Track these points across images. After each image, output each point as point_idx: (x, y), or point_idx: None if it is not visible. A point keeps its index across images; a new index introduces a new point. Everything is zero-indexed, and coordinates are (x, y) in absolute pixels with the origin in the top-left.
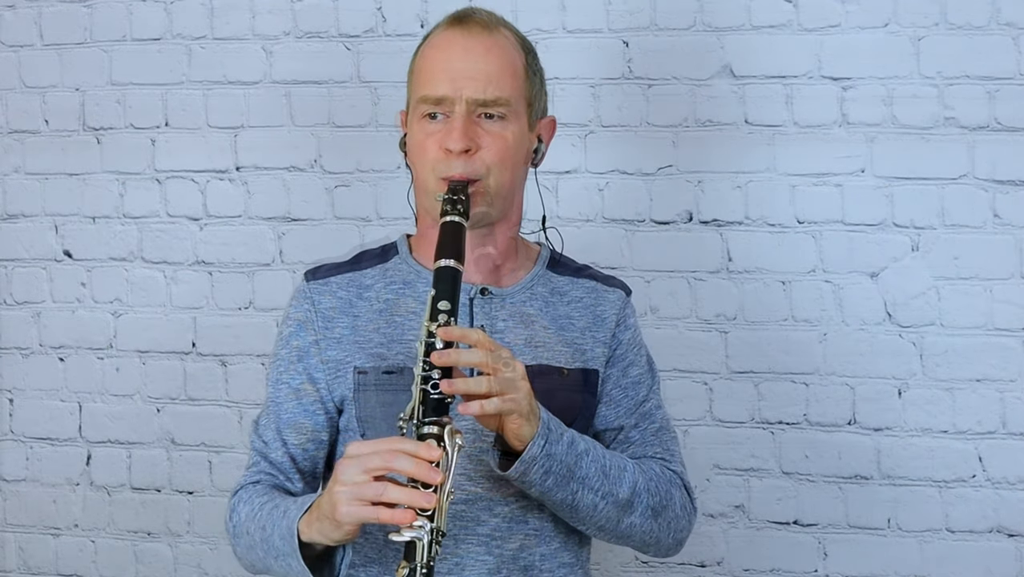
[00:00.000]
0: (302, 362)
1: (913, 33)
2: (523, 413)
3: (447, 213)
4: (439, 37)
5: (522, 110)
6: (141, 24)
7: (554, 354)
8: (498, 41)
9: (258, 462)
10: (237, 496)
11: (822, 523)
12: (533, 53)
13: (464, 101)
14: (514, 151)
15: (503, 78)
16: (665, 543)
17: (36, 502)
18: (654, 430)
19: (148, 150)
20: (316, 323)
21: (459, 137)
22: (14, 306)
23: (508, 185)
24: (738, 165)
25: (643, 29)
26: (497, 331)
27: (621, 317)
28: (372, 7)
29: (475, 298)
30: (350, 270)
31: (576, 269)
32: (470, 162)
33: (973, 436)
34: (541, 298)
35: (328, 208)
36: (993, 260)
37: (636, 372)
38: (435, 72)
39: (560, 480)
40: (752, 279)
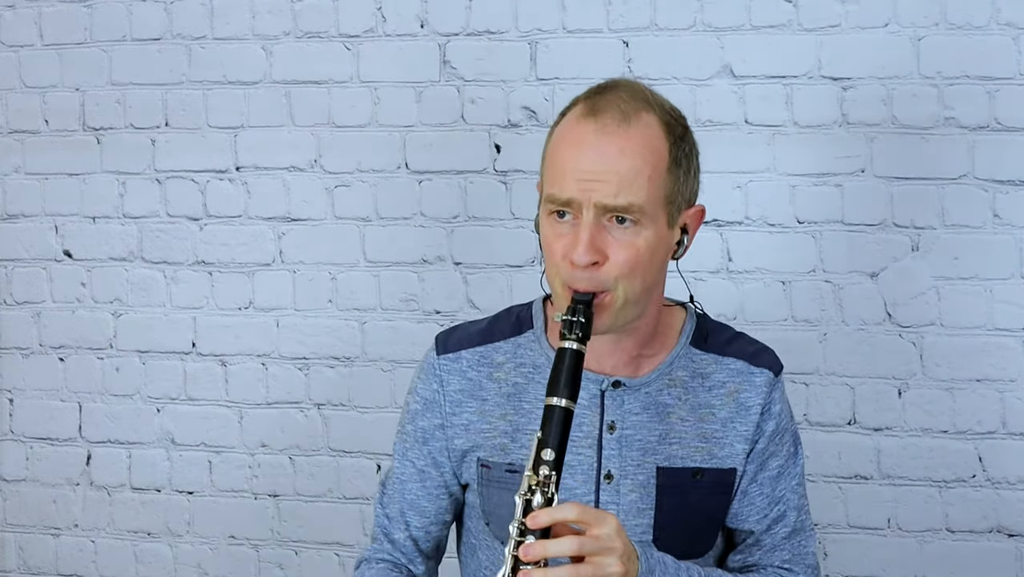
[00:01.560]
0: (427, 445)
1: (913, 33)
2: None
3: (564, 337)
4: (570, 131)
5: (660, 211)
6: (141, 24)
7: (689, 452)
8: (634, 136)
9: (381, 540)
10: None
11: (822, 523)
12: (681, 137)
13: (592, 206)
14: (647, 259)
15: (637, 181)
16: None
17: (36, 502)
18: (786, 534)
19: (148, 150)
20: (444, 407)
21: (584, 250)
22: (14, 306)
23: (639, 292)
24: (738, 165)
25: (643, 29)
26: (628, 427)
27: (766, 405)
28: (372, 7)
29: (607, 391)
30: (481, 343)
31: (723, 344)
32: (596, 275)
33: (973, 436)
34: (680, 384)
35: (328, 208)
36: (993, 260)
37: (776, 464)
38: (564, 171)
39: None
40: (752, 279)
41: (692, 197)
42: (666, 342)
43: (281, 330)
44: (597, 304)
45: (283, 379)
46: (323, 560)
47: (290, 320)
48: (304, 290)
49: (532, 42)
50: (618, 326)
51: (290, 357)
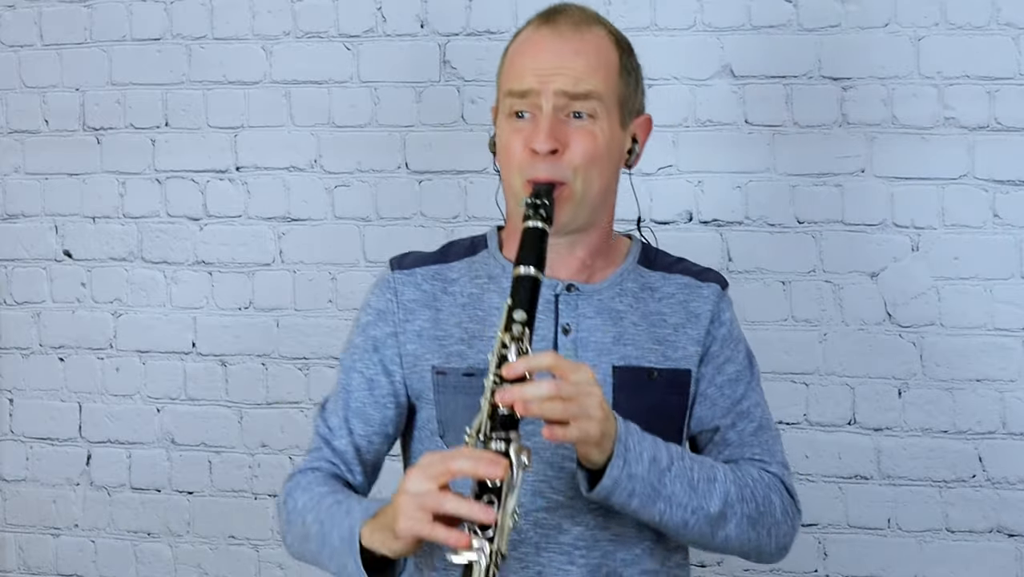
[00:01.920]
0: (378, 353)
1: (913, 33)
2: (593, 442)
3: (529, 218)
4: (527, 36)
5: (614, 108)
6: (141, 24)
7: (643, 353)
8: (589, 39)
9: (320, 448)
10: (294, 481)
11: (822, 523)
12: (629, 51)
13: (552, 95)
14: (604, 152)
15: (594, 75)
16: (767, 550)
17: (36, 502)
18: (752, 430)
19: (148, 150)
20: (397, 315)
21: (545, 137)
22: (14, 306)
23: (598, 188)
24: (738, 165)
25: (644, 29)
26: (583, 329)
27: (716, 312)
28: (372, 7)
29: (561, 295)
30: (436, 262)
31: (669, 264)
32: (557, 164)
33: (973, 436)
34: (631, 294)
35: (328, 208)
36: (993, 260)
37: (732, 369)
38: (523, 69)
39: (645, 500)
40: (752, 279)
41: (640, 108)
42: (615, 259)
43: (281, 330)
44: (557, 196)
45: (283, 379)
46: None
47: (290, 320)
48: (304, 290)
49: None
50: (575, 224)
51: (290, 357)
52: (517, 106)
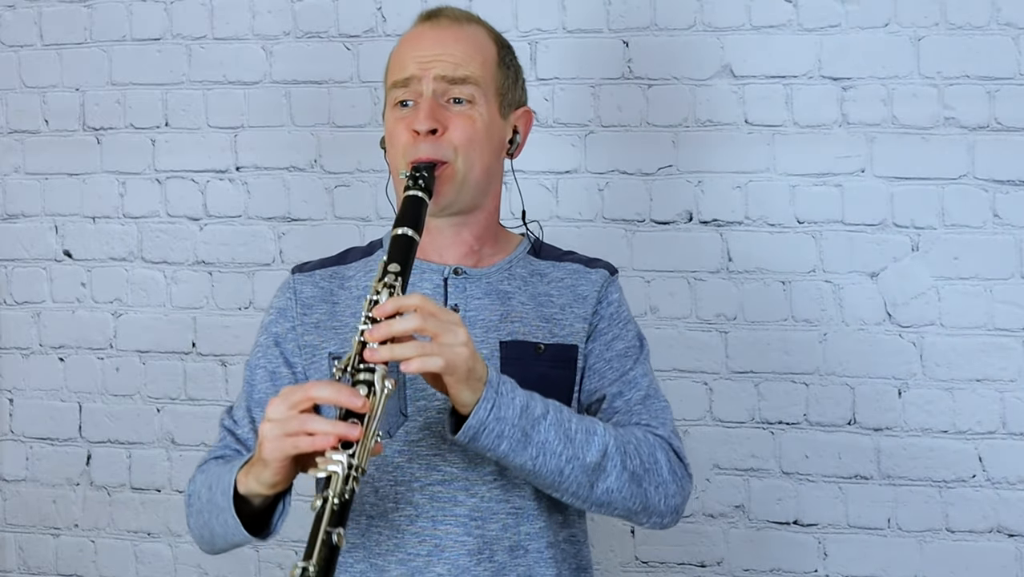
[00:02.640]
0: (279, 347)
1: (913, 33)
2: (461, 377)
3: (409, 188)
4: (408, 33)
5: (492, 96)
6: (141, 24)
7: (530, 329)
8: (468, 32)
9: (224, 438)
10: (199, 468)
11: (822, 523)
12: (508, 48)
13: (432, 79)
14: (483, 135)
15: (472, 62)
16: (656, 509)
17: (36, 502)
18: (639, 398)
19: (148, 150)
20: (295, 310)
21: (425, 117)
22: (14, 306)
23: (478, 170)
24: (738, 165)
25: (643, 29)
26: (471, 309)
27: (603, 294)
28: (372, 7)
29: (449, 278)
30: (334, 264)
31: (560, 254)
32: (437, 144)
33: (973, 436)
34: (519, 278)
35: (328, 208)
36: (993, 260)
37: (621, 346)
38: (404, 59)
39: (515, 444)
40: (752, 279)
41: (520, 100)
42: (505, 248)
43: None
44: (439, 175)
45: None
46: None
47: None
48: None
49: (532, 42)
50: (459, 203)
51: None
52: (400, 96)
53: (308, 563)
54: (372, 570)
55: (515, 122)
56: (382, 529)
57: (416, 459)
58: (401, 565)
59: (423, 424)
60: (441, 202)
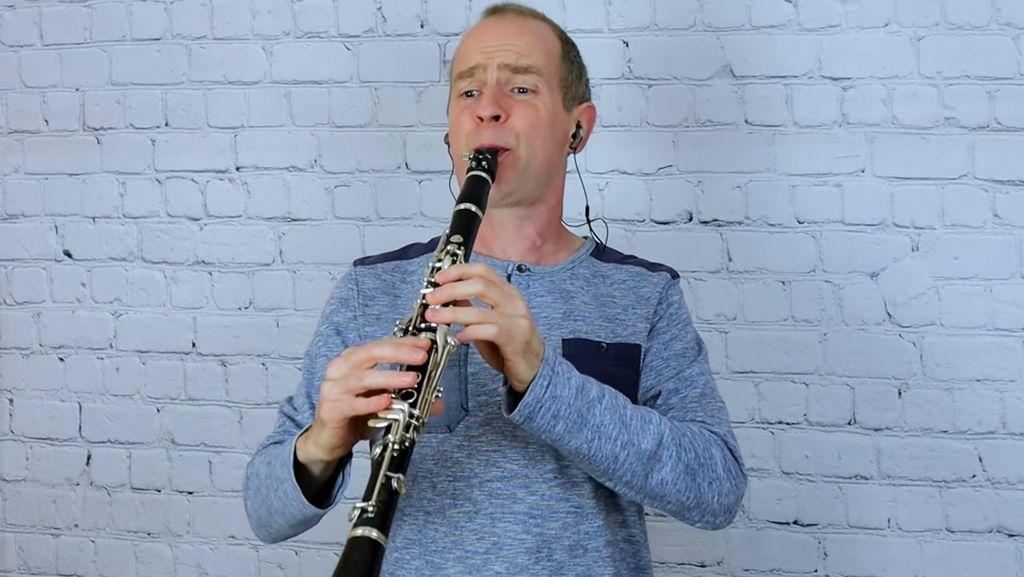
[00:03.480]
0: (340, 336)
1: (913, 33)
2: (518, 349)
3: (472, 169)
4: (474, 27)
5: (556, 88)
6: (141, 24)
7: (593, 328)
8: (532, 25)
9: (284, 423)
10: (258, 453)
11: (822, 523)
12: (572, 44)
13: (496, 68)
14: (547, 124)
15: (536, 52)
16: (710, 506)
17: (36, 502)
18: (695, 396)
19: (148, 150)
20: (357, 300)
21: (488, 103)
22: (14, 306)
23: (541, 158)
24: (738, 165)
25: (643, 29)
26: (534, 306)
27: (664, 296)
28: (372, 7)
29: (512, 274)
30: (397, 258)
31: (623, 257)
32: (500, 130)
33: (973, 436)
34: (582, 278)
35: (328, 208)
36: (993, 260)
37: (680, 346)
38: (469, 50)
39: (571, 426)
40: (752, 279)
41: (584, 96)
42: (568, 248)
43: (281, 330)
44: (501, 161)
45: (283, 379)
46: (323, 560)
47: (290, 320)
48: (304, 290)
49: None
50: (521, 192)
51: (290, 357)
52: (465, 86)
53: (367, 503)
54: (428, 567)
55: (578, 116)
56: (439, 526)
57: (476, 455)
58: (459, 563)
59: (483, 419)
60: (503, 188)
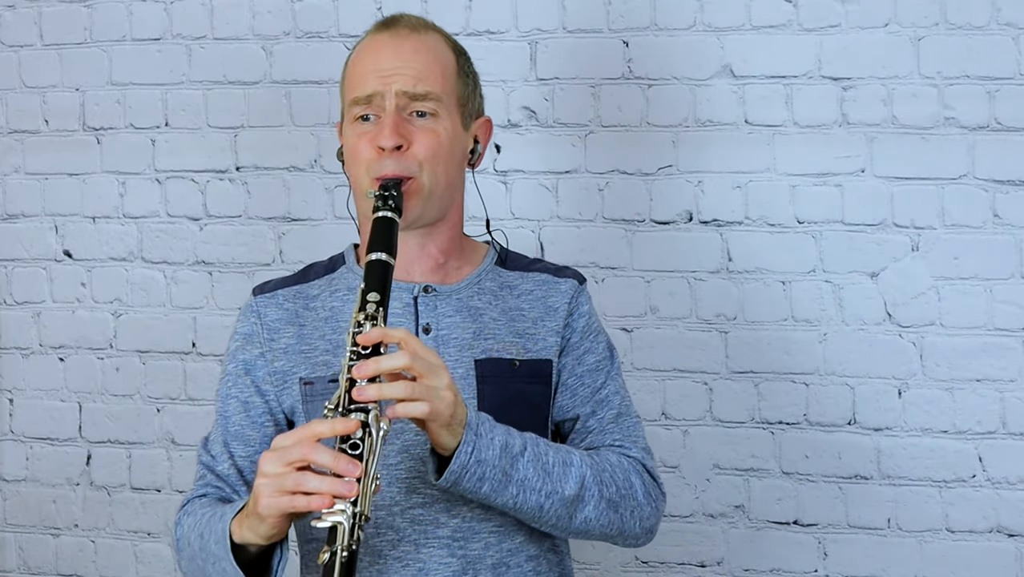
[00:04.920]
0: (249, 375)
1: (913, 33)
2: (443, 423)
3: (378, 209)
4: (366, 42)
5: (454, 108)
6: (141, 24)
7: (504, 346)
8: (426, 41)
9: (204, 475)
10: (183, 510)
11: (822, 523)
12: (465, 56)
13: (394, 95)
14: (448, 148)
15: (433, 74)
16: (631, 532)
17: (36, 502)
18: (612, 417)
19: (148, 150)
20: (262, 336)
21: (390, 133)
22: (14, 306)
23: (443, 183)
24: (738, 165)
25: (643, 29)
26: (443, 328)
27: (573, 306)
28: (372, 7)
29: (419, 296)
30: (297, 283)
31: (527, 264)
32: (402, 159)
33: (973, 436)
34: (489, 292)
35: (328, 208)
36: (993, 260)
37: (592, 359)
38: (364, 73)
39: (497, 485)
40: (752, 279)
41: (479, 111)
42: (472, 260)
43: None
44: (405, 190)
45: None
46: None
47: None
48: None
49: (532, 42)
50: (425, 217)
51: None
52: (362, 111)
53: None
54: None
55: (475, 132)
56: (363, 556)
57: (395, 482)
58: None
59: (400, 447)
60: (408, 217)
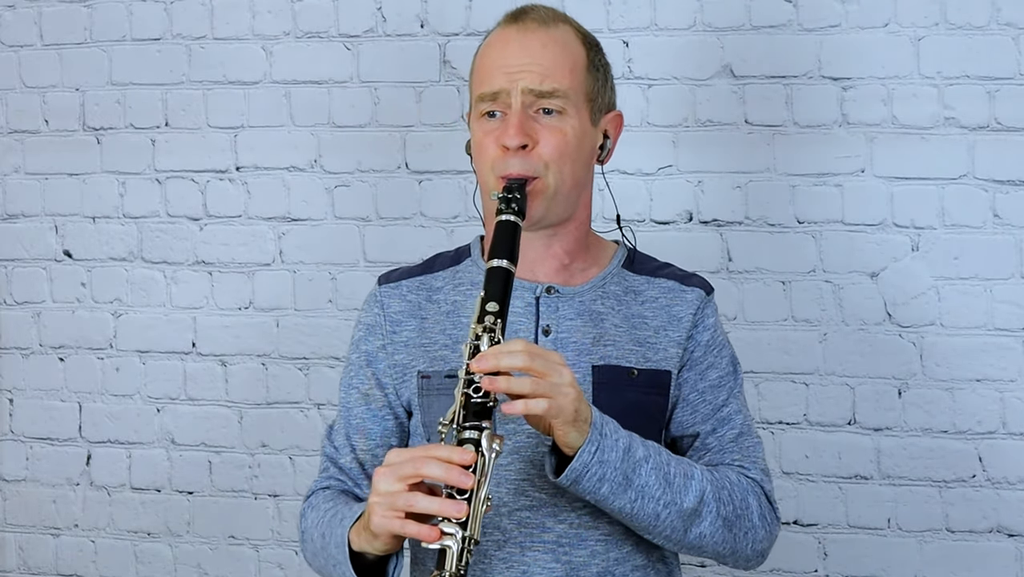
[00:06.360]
0: (371, 367)
1: (913, 33)
2: (568, 419)
3: (501, 212)
4: (495, 36)
5: (582, 104)
6: (141, 24)
7: (624, 353)
8: (555, 36)
9: (328, 468)
10: (308, 502)
11: (822, 523)
12: (597, 48)
13: (520, 93)
14: (575, 146)
15: (560, 71)
16: (743, 554)
17: (36, 502)
18: (733, 436)
19: (148, 150)
20: (384, 327)
21: (515, 133)
22: (14, 306)
23: (570, 183)
24: (738, 165)
25: (644, 29)
26: (563, 331)
27: (699, 318)
28: (372, 7)
29: (541, 297)
30: (422, 273)
31: (655, 268)
32: (527, 159)
33: (973, 436)
34: (613, 296)
35: (328, 208)
36: (993, 260)
37: (715, 375)
38: (491, 69)
39: (616, 488)
40: (752, 279)
41: (611, 104)
42: (599, 261)
43: (281, 330)
44: (530, 190)
45: (283, 379)
46: None
47: (290, 320)
48: (304, 290)
49: None
50: (550, 219)
51: (290, 357)
52: (488, 107)
53: None
54: None
55: (605, 127)
56: None
57: (504, 484)
58: None
59: (512, 448)
60: (532, 217)
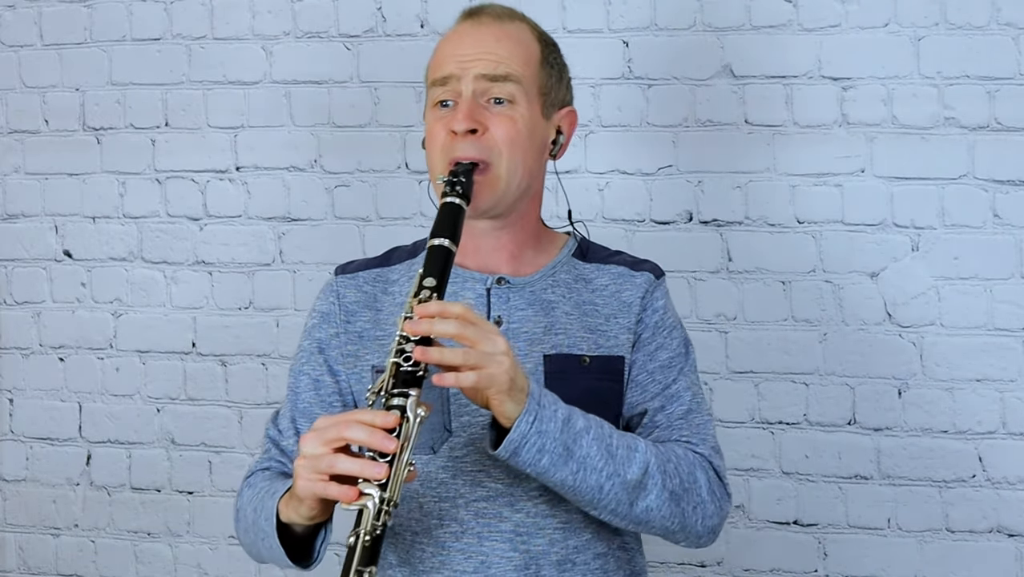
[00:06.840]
0: (323, 354)
1: (913, 33)
2: (502, 388)
3: (446, 195)
4: (450, 31)
5: (535, 96)
6: (141, 24)
7: (575, 341)
8: (509, 31)
9: (269, 449)
10: (246, 481)
11: (822, 523)
12: (552, 46)
13: (471, 78)
14: (525, 136)
15: (514, 60)
16: (694, 530)
17: (36, 502)
18: (681, 412)
19: (148, 150)
20: (339, 316)
21: (463, 117)
22: (14, 306)
23: (521, 172)
24: (738, 165)
25: (643, 29)
26: (514, 321)
27: (647, 301)
28: (372, 7)
29: (492, 288)
30: (379, 265)
31: (606, 256)
32: (478, 143)
33: (973, 436)
34: (564, 285)
35: (328, 208)
36: (993, 260)
37: (665, 356)
38: (444, 57)
39: (557, 459)
40: (752, 279)
41: (564, 100)
42: (548, 251)
43: (281, 330)
44: (480, 178)
45: (283, 379)
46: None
47: (290, 320)
48: (304, 290)
49: None
50: (499, 208)
51: (290, 357)
52: (440, 95)
53: None
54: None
55: (558, 122)
56: (426, 546)
57: (460, 475)
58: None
59: (467, 440)
60: (481, 206)
